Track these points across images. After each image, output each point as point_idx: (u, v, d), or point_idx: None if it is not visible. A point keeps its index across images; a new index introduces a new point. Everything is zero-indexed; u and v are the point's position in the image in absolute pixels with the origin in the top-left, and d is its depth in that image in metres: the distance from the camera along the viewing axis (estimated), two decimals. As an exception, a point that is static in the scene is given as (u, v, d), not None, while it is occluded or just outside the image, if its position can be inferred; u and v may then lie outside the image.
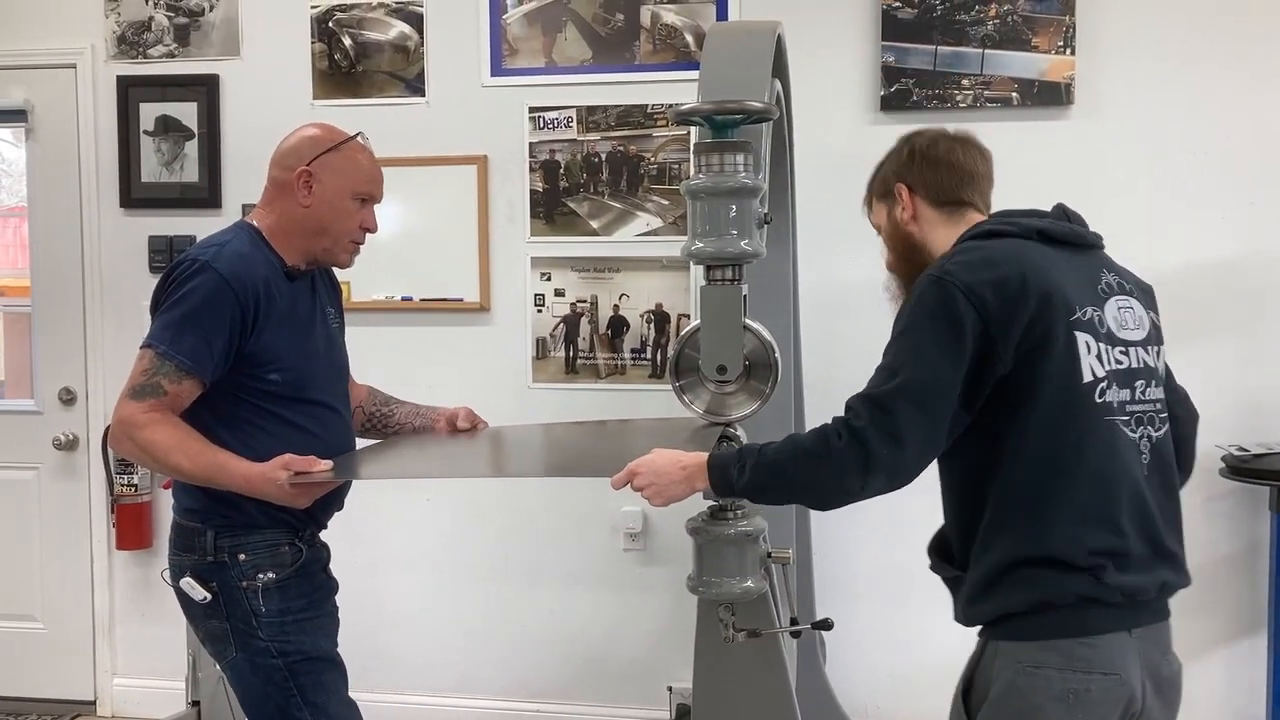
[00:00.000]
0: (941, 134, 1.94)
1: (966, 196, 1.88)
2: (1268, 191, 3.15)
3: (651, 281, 3.45)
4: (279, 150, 2.24)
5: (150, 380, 2.03)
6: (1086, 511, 1.65)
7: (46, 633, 3.87)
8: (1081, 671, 1.63)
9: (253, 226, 2.22)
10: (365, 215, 2.25)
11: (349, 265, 2.29)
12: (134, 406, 2.03)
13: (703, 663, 2.11)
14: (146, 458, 2.05)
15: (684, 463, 1.79)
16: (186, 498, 2.17)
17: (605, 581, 3.54)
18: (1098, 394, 1.66)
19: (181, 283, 2.07)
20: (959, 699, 1.79)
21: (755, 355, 2.02)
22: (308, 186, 2.18)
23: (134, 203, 3.72)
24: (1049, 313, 1.64)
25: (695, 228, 1.98)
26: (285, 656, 2.12)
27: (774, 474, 1.69)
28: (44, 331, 3.83)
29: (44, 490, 3.85)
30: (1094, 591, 1.64)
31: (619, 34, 3.44)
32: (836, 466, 1.64)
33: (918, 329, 1.66)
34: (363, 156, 2.24)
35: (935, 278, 1.68)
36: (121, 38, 3.70)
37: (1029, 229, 1.75)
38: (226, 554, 2.12)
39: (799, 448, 1.68)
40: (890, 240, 1.95)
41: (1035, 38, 3.20)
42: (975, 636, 1.83)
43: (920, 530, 3.35)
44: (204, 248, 2.14)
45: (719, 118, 1.94)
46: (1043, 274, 1.67)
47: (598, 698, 3.57)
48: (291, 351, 2.16)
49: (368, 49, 3.57)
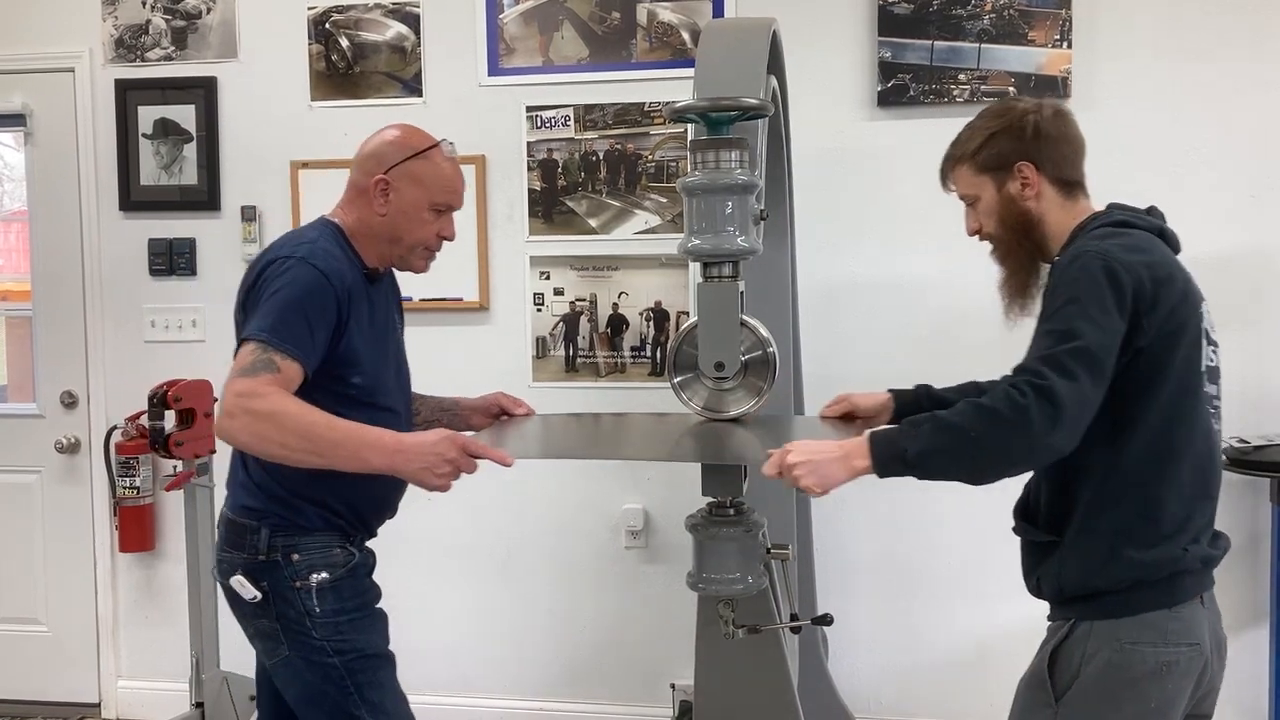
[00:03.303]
0: (1056, 108, 1.92)
1: (1082, 175, 1.92)
2: (1268, 185, 3.15)
3: (650, 279, 3.45)
4: (360, 152, 2.20)
5: (260, 358, 1.92)
6: (1193, 490, 1.76)
7: (50, 635, 3.88)
8: (1172, 644, 1.73)
9: (336, 225, 2.17)
10: (443, 224, 2.19)
11: (424, 271, 2.25)
12: (243, 381, 1.90)
13: (704, 659, 2.11)
14: (268, 428, 1.88)
15: (842, 442, 1.76)
16: (245, 495, 2.14)
17: (607, 579, 3.55)
18: (1205, 383, 1.78)
19: (277, 277, 2.01)
20: (1043, 677, 1.81)
21: (753, 352, 2.03)
22: (384, 195, 2.13)
23: (133, 205, 3.72)
24: (1186, 302, 1.75)
25: (692, 225, 1.99)
26: (342, 655, 2.09)
27: (956, 437, 1.66)
28: (45, 335, 3.83)
29: (46, 493, 3.85)
30: (1185, 564, 1.75)
31: (615, 32, 3.44)
32: (1025, 424, 1.61)
33: (1086, 298, 1.68)
34: (445, 165, 2.18)
35: (1097, 255, 1.71)
36: (119, 41, 3.71)
37: (1153, 226, 1.84)
38: (280, 554, 2.09)
39: (981, 408, 1.65)
40: (1000, 214, 1.91)
41: (1032, 31, 3.20)
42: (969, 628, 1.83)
43: (919, 526, 3.37)
44: (294, 244, 2.08)
45: (714, 114, 1.95)
46: (1179, 267, 1.78)
47: (600, 696, 3.57)
48: (371, 355, 2.13)
49: (365, 50, 3.57)
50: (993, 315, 3.27)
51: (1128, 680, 1.73)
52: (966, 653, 3.37)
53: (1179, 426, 1.74)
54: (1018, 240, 1.91)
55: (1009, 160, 1.88)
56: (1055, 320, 1.70)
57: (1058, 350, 1.65)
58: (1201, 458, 1.77)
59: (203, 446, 3.37)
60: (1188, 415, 1.75)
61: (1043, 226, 1.88)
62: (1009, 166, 1.88)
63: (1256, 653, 3.17)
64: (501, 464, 1.90)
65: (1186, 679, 1.74)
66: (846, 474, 1.73)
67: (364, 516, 2.19)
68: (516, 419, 2.42)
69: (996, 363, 3.26)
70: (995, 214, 1.92)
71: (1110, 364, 1.67)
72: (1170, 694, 1.73)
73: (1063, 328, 1.68)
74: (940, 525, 3.32)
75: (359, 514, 2.17)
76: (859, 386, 3.31)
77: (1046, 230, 1.88)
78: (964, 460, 1.68)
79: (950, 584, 3.36)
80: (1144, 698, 1.73)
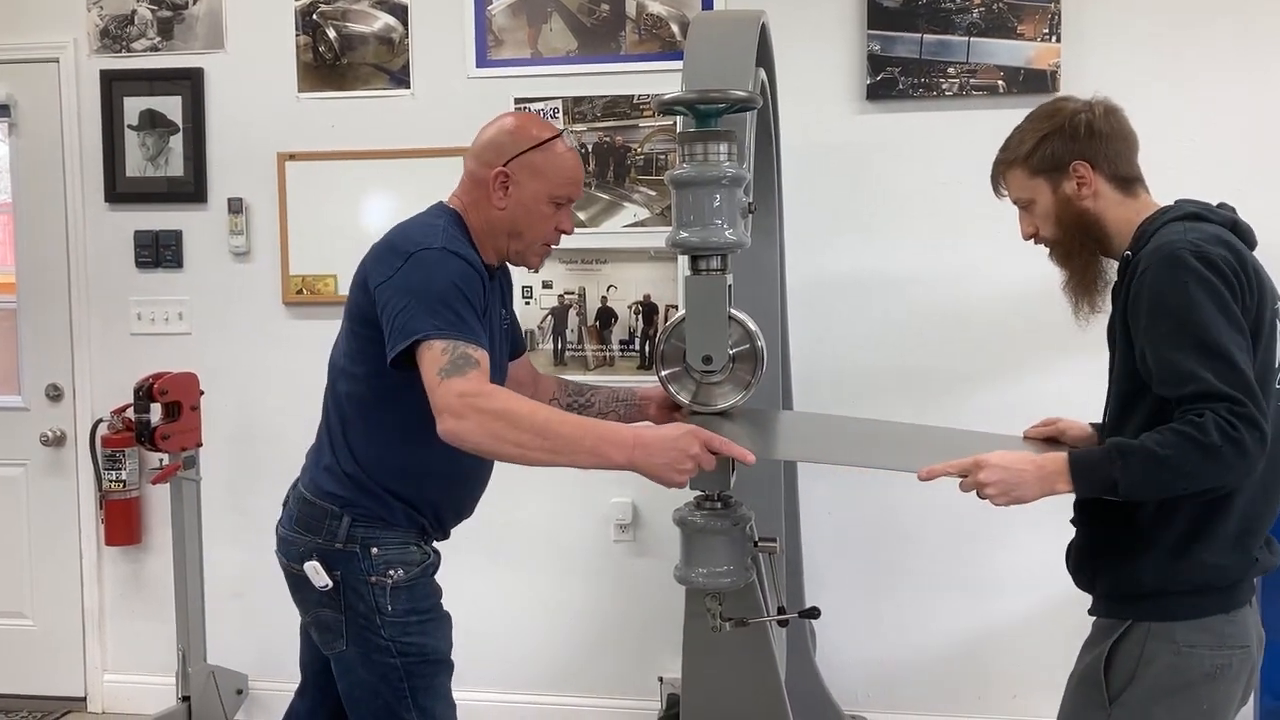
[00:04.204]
0: (1107, 105, 1.91)
1: (1138, 170, 1.89)
2: (1253, 179, 3.15)
3: (639, 272, 3.45)
4: (477, 141, 2.14)
5: (456, 355, 1.83)
6: (1261, 492, 1.75)
7: (36, 629, 3.86)
8: (1227, 647, 1.74)
9: (457, 214, 2.11)
10: (561, 217, 2.13)
11: (538, 269, 2.21)
12: (460, 382, 1.81)
13: (691, 653, 2.11)
14: (502, 426, 1.79)
15: (1039, 462, 1.71)
16: (330, 480, 2.08)
17: (595, 573, 3.55)
18: (1277, 381, 1.76)
19: (426, 270, 1.93)
20: (1098, 678, 1.79)
21: (741, 345, 2.02)
22: (504, 188, 2.07)
23: (119, 197, 3.70)
24: (1264, 297, 1.73)
25: (680, 218, 1.98)
26: (405, 656, 2.06)
27: (1170, 470, 1.62)
28: (30, 328, 3.81)
29: (32, 487, 3.83)
30: (1249, 571, 1.76)
31: (604, 24, 3.43)
32: (1240, 455, 1.60)
33: (1211, 299, 1.66)
34: (567, 156, 2.11)
35: (1193, 252, 1.68)
36: (104, 31, 3.68)
37: (1226, 219, 1.81)
38: (359, 545, 2.04)
39: (1195, 443, 1.61)
40: (1058, 216, 1.89)
41: (1021, 25, 3.20)
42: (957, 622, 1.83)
43: (907, 520, 3.37)
44: (427, 232, 2.00)
45: (702, 107, 1.94)
46: (1254, 259, 1.75)
47: (588, 689, 3.57)
48: (494, 348, 2.05)
49: (352, 41, 3.56)
50: (980, 308, 3.30)
51: (1184, 683, 1.73)
52: (954, 646, 3.38)
53: None
54: (1079, 241, 1.88)
55: (1064, 161, 1.86)
56: (1191, 330, 1.65)
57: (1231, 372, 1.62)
58: (1272, 459, 1.72)
59: (189, 439, 3.36)
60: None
61: (1102, 225, 1.86)
62: (1064, 167, 1.86)
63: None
64: (744, 462, 1.82)
65: (1237, 683, 1.76)
66: (1040, 494, 1.70)
67: (444, 518, 2.17)
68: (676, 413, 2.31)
69: (984, 356, 3.30)
70: (1052, 216, 1.89)
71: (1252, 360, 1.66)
72: (1222, 696, 1.74)
73: (1206, 340, 1.64)
74: (928, 519, 3.32)
75: (439, 515, 2.15)
76: (846, 378, 3.35)
77: (1107, 228, 1.86)
78: (1171, 489, 1.66)
79: (938, 578, 3.37)
80: (1197, 700, 1.73)
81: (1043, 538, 2.37)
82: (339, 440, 2.10)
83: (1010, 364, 3.29)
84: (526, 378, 2.43)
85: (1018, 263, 3.09)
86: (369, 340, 2.00)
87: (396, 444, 2.02)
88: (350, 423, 2.09)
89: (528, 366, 2.45)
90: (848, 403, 3.30)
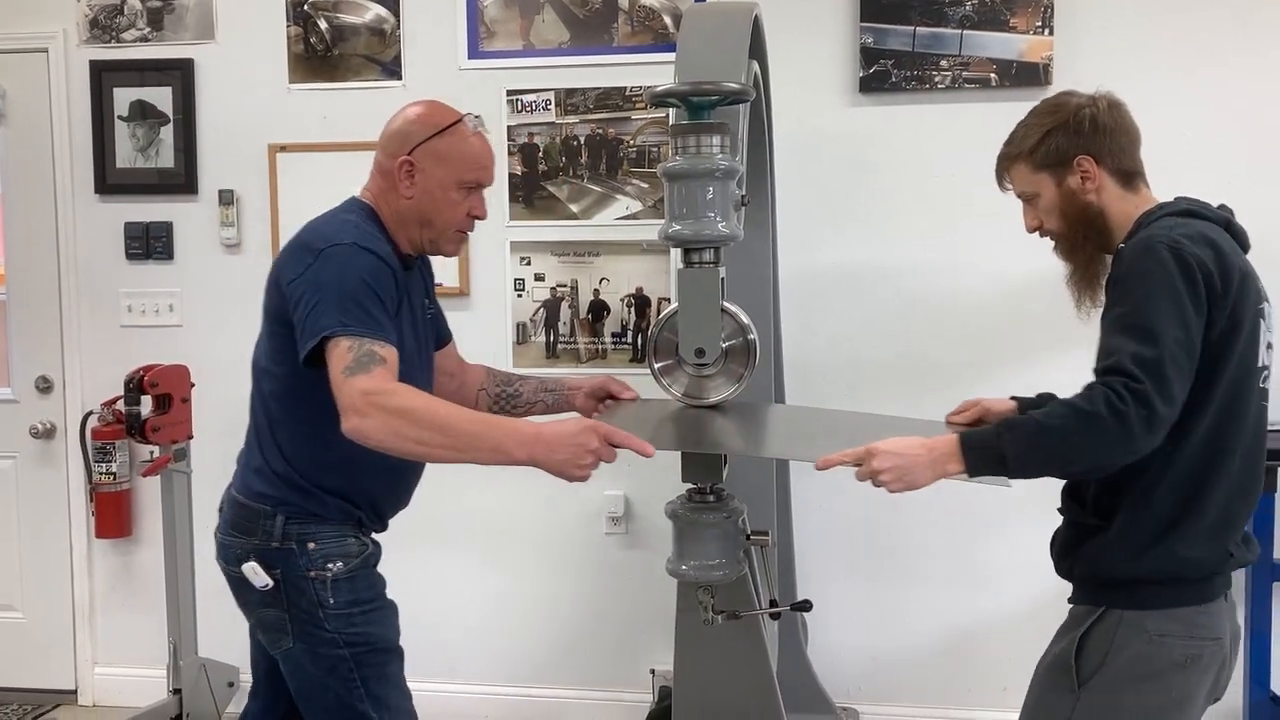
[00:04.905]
0: (1110, 100, 1.93)
1: (1140, 165, 1.92)
2: (1244, 172, 3.16)
3: (632, 265, 3.44)
4: (384, 132, 2.13)
5: (362, 353, 1.84)
6: (1240, 487, 1.78)
7: (26, 622, 3.85)
8: (1198, 638, 1.76)
9: (370, 208, 2.11)
10: (473, 203, 2.12)
11: (456, 254, 2.21)
12: (364, 379, 1.82)
13: (683, 645, 2.11)
14: (403, 424, 1.80)
15: (931, 444, 1.73)
16: (259, 480, 2.08)
17: (587, 565, 3.55)
18: (1261, 380, 1.78)
19: (336, 266, 1.93)
20: (1068, 663, 1.82)
21: (734, 338, 2.02)
22: (410, 177, 2.07)
23: (109, 189, 3.68)
24: (1246, 296, 1.74)
25: (672, 210, 1.98)
26: (352, 647, 2.05)
27: (1055, 440, 1.66)
28: (19, 319, 3.79)
29: (22, 479, 3.82)
30: (1224, 565, 1.78)
31: (597, 16, 3.42)
32: (1124, 430, 1.62)
33: (1166, 290, 1.68)
34: (472, 140, 2.10)
35: (1168, 246, 1.70)
36: (94, 21, 3.66)
37: (1220, 218, 1.84)
38: (295, 541, 2.04)
39: (1080, 412, 1.64)
40: (1062, 210, 1.90)
41: (1013, 18, 3.20)
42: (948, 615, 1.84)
43: (898, 513, 3.38)
44: (338, 228, 2.01)
45: (695, 99, 1.94)
46: (1241, 259, 1.77)
47: (580, 681, 3.57)
48: (408, 342, 2.06)
49: (344, 32, 3.54)
50: (973, 301, 3.30)
51: (1153, 671, 1.75)
52: (945, 639, 3.38)
53: (1233, 422, 1.75)
54: (1083, 234, 1.90)
55: (1068, 155, 1.88)
56: (1132, 313, 1.69)
57: (1151, 355, 1.64)
58: (1251, 455, 1.78)
59: (179, 432, 3.35)
60: (1241, 411, 1.75)
61: (1105, 219, 1.88)
62: (1068, 161, 1.88)
63: (1231, 638, 3.20)
64: (643, 454, 1.82)
65: (1208, 673, 1.77)
66: (934, 477, 1.72)
67: (380, 508, 2.16)
68: (624, 403, 2.34)
69: (978, 348, 3.30)
70: (1056, 209, 1.91)
71: (1192, 360, 1.67)
72: (1191, 686, 1.76)
73: (1141, 323, 1.66)
74: (919, 512, 3.32)
75: (376, 506, 2.15)
76: (839, 372, 3.35)
77: (1109, 222, 1.88)
78: (1060, 462, 1.71)
79: (929, 570, 3.37)
80: (1166, 689, 1.75)
81: (1033, 531, 2.37)
82: (267, 440, 2.09)
83: (1003, 355, 3.29)
84: (454, 367, 2.42)
85: (1011, 254, 3.11)
86: (287, 339, 1.98)
87: (324, 440, 1.97)
88: (277, 422, 2.09)
89: (454, 356, 2.45)
90: (841, 396, 3.30)
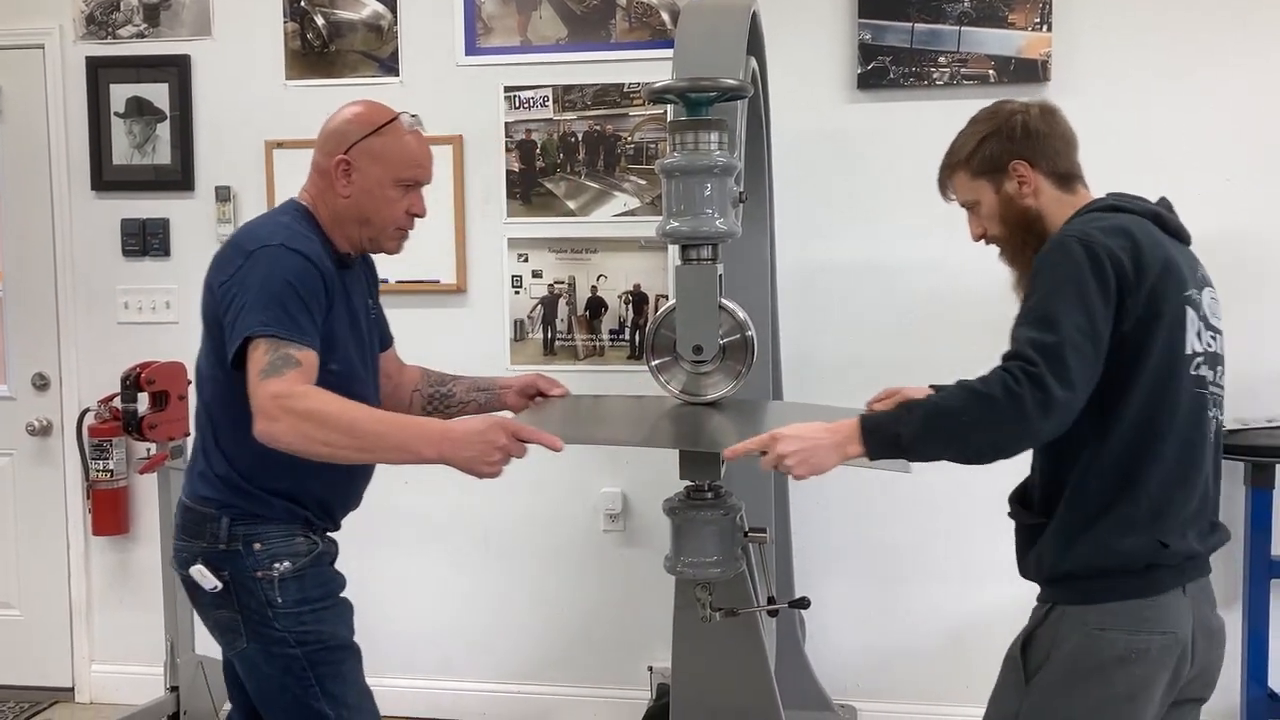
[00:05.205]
0: (1043, 105, 1.96)
1: (1077, 167, 1.94)
2: (1242, 167, 3.16)
3: (629, 262, 3.44)
4: (322, 131, 2.13)
5: (277, 355, 1.86)
6: (1174, 475, 1.77)
7: (23, 620, 3.85)
8: (1144, 632, 1.75)
9: (305, 209, 2.12)
10: (412, 201, 2.12)
11: (397, 252, 2.20)
12: (275, 383, 1.83)
13: (681, 642, 2.11)
14: (311, 427, 1.81)
15: (833, 428, 1.75)
16: (202, 484, 2.09)
17: (585, 562, 3.54)
18: (1193, 367, 1.78)
19: (263, 267, 1.94)
20: (1016, 658, 1.85)
21: (731, 335, 2.02)
22: (347, 176, 2.07)
23: (105, 185, 3.68)
24: (1167, 284, 1.74)
25: (670, 207, 1.97)
26: (304, 646, 2.05)
27: (950, 421, 1.68)
28: (16, 316, 3.79)
29: (19, 476, 3.81)
30: (1162, 557, 1.76)
31: (595, 12, 3.41)
32: (1018, 411, 1.64)
33: (1071, 281, 1.70)
34: (407, 138, 2.10)
35: (1079, 240, 1.73)
36: (90, 17, 3.65)
37: (1147, 210, 1.85)
38: (241, 542, 2.04)
39: (976, 394, 1.68)
40: (1000, 216, 1.94)
41: (1012, 14, 3.19)
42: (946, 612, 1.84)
43: (896, 509, 3.38)
44: (270, 230, 2.02)
45: (693, 95, 1.94)
46: (1164, 249, 1.78)
47: (578, 679, 3.57)
48: (346, 342, 2.08)
49: (340, 28, 3.53)
50: (971, 298, 3.30)
51: (1094, 666, 1.75)
52: (943, 636, 3.38)
53: (1161, 410, 1.75)
54: (1023, 238, 1.92)
55: (1003, 161, 1.91)
56: (1037, 305, 1.72)
57: (1049, 339, 1.66)
58: (1186, 443, 1.77)
59: (176, 429, 3.34)
60: (1170, 399, 1.75)
61: (1044, 222, 1.90)
62: (1004, 167, 1.91)
63: (1230, 636, 3.17)
64: (552, 449, 1.85)
65: (1159, 667, 1.75)
66: (838, 460, 1.73)
67: (329, 508, 2.16)
68: (553, 400, 2.36)
69: (975, 346, 3.28)
70: (997, 215, 1.94)
71: (1096, 346, 1.69)
72: (1140, 680, 1.74)
73: (1043, 312, 1.69)
74: (917, 509, 3.33)
75: (324, 505, 2.14)
76: (837, 369, 3.35)
77: (1048, 225, 1.90)
78: (956, 444, 1.71)
79: (927, 567, 3.37)
80: (1111, 683, 1.74)
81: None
82: (210, 445, 2.10)
83: (1001, 351, 3.28)
84: (392, 369, 2.44)
85: (1008, 253, 3.10)
86: (221, 342, 1.99)
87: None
88: (220, 426, 2.09)
89: (394, 359, 2.46)
90: (839, 392, 3.29)
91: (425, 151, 2.15)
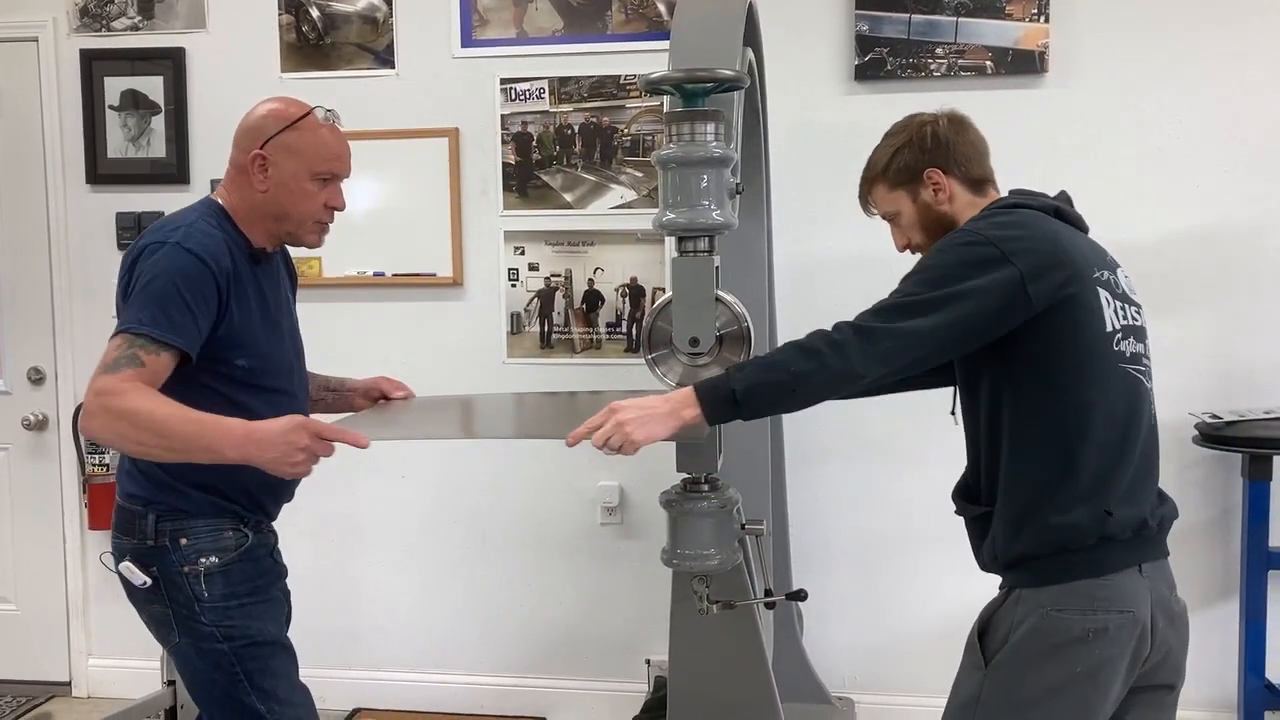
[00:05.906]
0: (951, 115, 2.03)
1: (988, 172, 2.01)
2: (1239, 159, 3.16)
3: (626, 255, 3.43)
4: (239, 128, 2.16)
5: (125, 353, 1.91)
6: (1111, 448, 1.79)
7: (19, 614, 3.84)
8: (1101, 611, 1.76)
9: (219, 205, 2.15)
10: (330, 194, 2.15)
11: (318, 245, 2.22)
12: (105, 379, 1.89)
13: (678, 635, 2.11)
14: (125, 426, 1.87)
15: (669, 396, 1.81)
16: (130, 482, 2.12)
17: (582, 556, 3.54)
18: (1114, 343, 1.81)
19: (152, 264, 1.98)
20: (975, 642, 1.87)
21: (728, 327, 2.01)
22: (262, 170, 2.09)
23: (100, 179, 3.67)
24: (1072, 269, 1.79)
25: (667, 198, 1.96)
26: (231, 641, 2.07)
27: (780, 372, 1.76)
28: (11, 311, 3.78)
29: (14, 471, 3.81)
30: (1109, 529, 1.77)
31: (590, 3, 3.40)
32: (831, 351, 1.74)
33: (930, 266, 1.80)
34: (322, 132, 2.13)
35: (963, 232, 1.83)
36: (84, 10, 3.63)
37: (1047, 205, 1.91)
38: (168, 538, 2.07)
39: (800, 346, 1.77)
40: (920, 224, 2.00)
41: (1009, 6, 3.18)
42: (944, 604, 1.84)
43: (893, 502, 3.38)
44: (170, 228, 2.05)
45: (689, 86, 1.93)
46: (1067, 238, 1.84)
47: (575, 672, 3.57)
48: (258, 337, 2.10)
49: (336, 20, 3.52)
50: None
51: (1051, 646, 1.77)
52: (940, 628, 3.38)
53: (1089, 387, 1.78)
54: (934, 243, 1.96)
55: (917, 170, 1.98)
56: (906, 280, 1.82)
57: (881, 302, 1.79)
58: (1118, 416, 1.80)
59: (173, 423, 3.33)
60: (1098, 376, 1.79)
61: (958, 226, 1.93)
62: (918, 176, 1.99)
63: (1227, 627, 3.20)
64: (356, 446, 1.88)
65: (1118, 646, 1.76)
66: (675, 424, 1.78)
67: (257, 500, 2.16)
68: (395, 402, 2.41)
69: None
70: (917, 224, 2.01)
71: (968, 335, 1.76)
72: (1099, 660, 1.75)
73: (908, 290, 1.80)
74: (914, 501, 3.32)
75: (252, 498, 2.14)
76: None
77: None
78: (785, 394, 1.78)
79: (924, 559, 3.37)
80: (1069, 662, 1.76)
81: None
82: None
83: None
84: None
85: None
86: None
87: None
88: None
89: None
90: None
91: (341, 145, 2.17)
